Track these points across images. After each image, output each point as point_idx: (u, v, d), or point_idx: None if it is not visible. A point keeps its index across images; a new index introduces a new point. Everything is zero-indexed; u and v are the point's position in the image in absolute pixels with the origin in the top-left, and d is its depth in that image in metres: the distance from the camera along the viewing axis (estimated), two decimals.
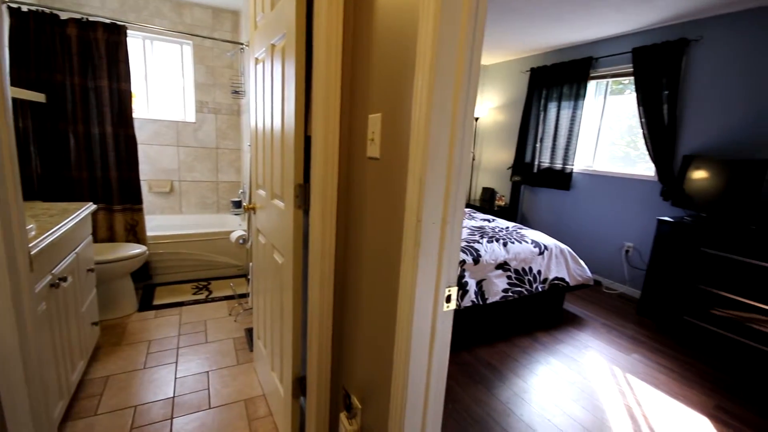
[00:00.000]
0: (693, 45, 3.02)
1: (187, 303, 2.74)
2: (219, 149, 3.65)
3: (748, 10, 2.71)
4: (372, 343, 1.06)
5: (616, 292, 3.57)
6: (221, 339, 2.31)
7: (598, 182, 3.80)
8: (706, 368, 2.37)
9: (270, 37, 1.42)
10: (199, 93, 3.52)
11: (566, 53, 4.01)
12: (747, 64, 2.73)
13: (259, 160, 1.68)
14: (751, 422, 1.90)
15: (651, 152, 3.25)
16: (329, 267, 1.22)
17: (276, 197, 1.44)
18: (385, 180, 0.96)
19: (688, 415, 1.93)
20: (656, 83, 3.18)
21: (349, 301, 1.20)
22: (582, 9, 2.94)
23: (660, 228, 2.90)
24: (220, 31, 3.51)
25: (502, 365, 2.26)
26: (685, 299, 2.74)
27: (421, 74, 0.77)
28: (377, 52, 0.98)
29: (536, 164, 4.34)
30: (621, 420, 1.86)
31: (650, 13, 2.96)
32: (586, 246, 3.89)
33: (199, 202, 3.66)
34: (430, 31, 0.74)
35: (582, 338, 2.66)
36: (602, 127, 3.85)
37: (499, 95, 4.91)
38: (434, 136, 0.78)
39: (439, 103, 0.77)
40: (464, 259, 2.46)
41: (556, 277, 2.83)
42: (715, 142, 2.93)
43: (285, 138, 1.28)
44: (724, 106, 2.87)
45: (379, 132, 0.97)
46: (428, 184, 0.80)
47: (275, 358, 1.58)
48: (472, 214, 3.60)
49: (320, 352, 1.27)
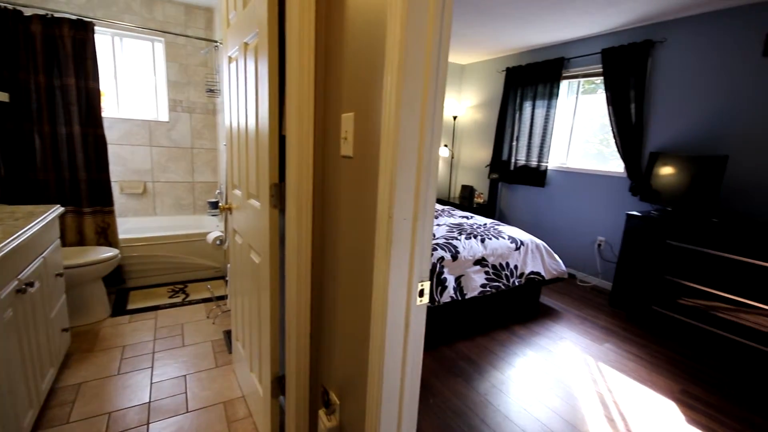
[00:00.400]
0: (657, 46, 3.15)
1: (163, 307, 2.68)
2: (194, 149, 3.58)
3: (708, 12, 2.85)
4: (349, 339, 1.07)
5: (590, 285, 3.70)
6: (199, 342, 2.27)
7: (571, 179, 3.92)
8: (673, 355, 2.49)
9: (243, 36, 1.41)
10: (172, 91, 3.44)
11: (540, 53, 4.11)
12: (707, 64, 2.87)
13: (234, 159, 1.66)
14: (714, 404, 2.01)
15: (620, 149, 3.37)
16: (306, 265, 1.22)
17: (252, 197, 1.43)
18: (359, 178, 0.97)
19: (655, 399, 2.03)
20: (624, 83, 3.31)
21: (326, 298, 1.21)
22: (553, 11, 3.02)
23: (629, 222, 3.02)
24: (194, 28, 3.44)
25: (481, 358, 2.31)
26: (653, 290, 2.87)
27: (389, 74, 0.79)
28: (349, 52, 0.99)
29: (513, 162, 4.44)
30: (593, 406, 1.93)
31: (617, 16, 3.07)
32: (560, 240, 4.01)
33: (174, 204, 3.58)
34: (397, 31, 0.76)
35: (557, 330, 2.75)
36: (575, 126, 3.98)
37: (477, 94, 4.99)
38: (404, 135, 0.80)
39: (408, 102, 0.79)
40: (443, 255, 2.51)
41: (532, 272, 2.91)
42: (679, 140, 3.07)
43: (259, 137, 1.28)
44: (686, 104, 3.01)
45: (352, 131, 0.98)
46: (399, 182, 0.81)
47: (254, 359, 1.58)
48: (451, 212, 3.66)
49: (298, 350, 1.27)
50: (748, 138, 2.68)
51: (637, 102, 3.25)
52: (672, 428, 1.82)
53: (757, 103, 2.63)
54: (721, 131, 2.82)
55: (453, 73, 5.12)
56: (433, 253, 2.49)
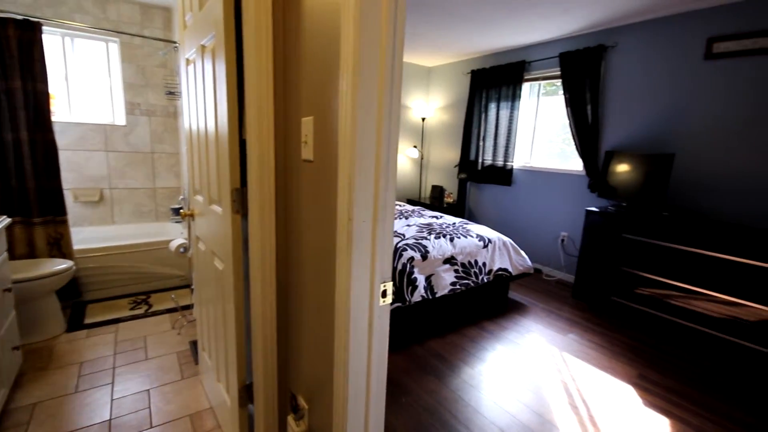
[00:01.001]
0: (610, 51, 3.33)
1: (124, 319, 2.56)
2: (155, 153, 3.44)
3: (653, 19, 3.04)
4: (316, 343, 1.07)
5: (555, 279, 3.85)
6: (163, 354, 2.19)
7: (535, 177, 4.07)
8: (631, 342, 2.63)
9: (200, 38, 1.37)
10: (129, 94, 3.29)
11: (503, 57, 4.25)
12: (654, 68, 3.06)
13: (195, 164, 1.62)
14: (669, 387, 2.14)
15: (578, 148, 3.54)
16: (270, 270, 1.21)
17: (214, 202, 1.40)
18: (319, 181, 0.97)
19: (615, 385, 2.14)
20: (581, 85, 3.47)
21: (292, 302, 1.20)
22: (513, 15, 3.13)
23: (588, 218, 3.17)
24: (151, 28, 3.31)
25: (452, 355, 2.35)
26: (612, 281, 3.02)
27: (345, 77, 0.80)
28: (307, 54, 0.99)
29: (480, 162, 4.55)
30: (558, 395, 2.01)
31: (572, 22, 3.22)
32: (526, 237, 4.15)
33: (134, 211, 3.42)
34: (351, 35, 0.77)
35: (525, 323, 2.84)
36: (537, 126, 4.13)
37: (444, 96, 5.09)
38: (361, 137, 0.81)
39: (364, 104, 0.80)
40: (413, 255, 2.54)
41: (500, 268, 2.99)
42: (631, 139, 3.25)
43: (219, 142, 1.25)
44: (637, 105, 3.20)
45: (312, 135, 0.98)
46: (357, 184, 0.82)
47: (221, 368, 1.54)
48: (421, 212, 3.71)
49: (265, 357, 1.26)
50: (692, 137, 2.88)
51: (593, 103, 3.41)
52: (630, 411, 1.92)
53: (699, 104, 2.83)
54: (668, 131, 3.02)
55: (420, 75, 5.20)
56: (403, 254, 2.52)
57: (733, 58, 2.63)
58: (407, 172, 5.37)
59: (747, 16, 2.55)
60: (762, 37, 2.48)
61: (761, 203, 2.58)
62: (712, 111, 2.77)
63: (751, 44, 2.53)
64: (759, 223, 2.58)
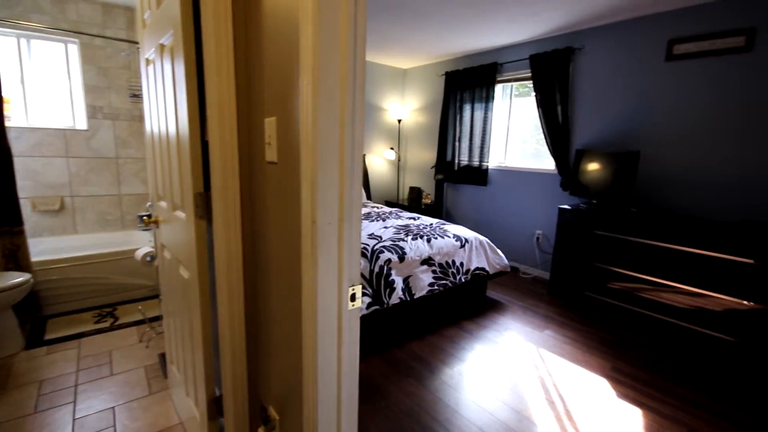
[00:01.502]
0: (577, 53, 3.42)
1: (88, 333, 2.43)
2: (120, 159, 3.30)
3: (617, 22, 3.14)
4: (285, 351, 1.03)
5: (531, 276, 3.91)
6: (130, 369, 2.09)
7: (510, 177, 4.13)
8: (605, 335, 2.70)
9: (158, 37, 1.32)
10: (90, 97, 3.15)
11: (476, 58, 4.30)
12: (619, 69, 3.17)
13: (158, 169, 1.55)
14: (640, 378, 2.20)
15: (550, 148, 3.61)
16: (237, 277, 1.16)
17: (177, 208, 1.34)
18: (284, 184, 0.94)
19: (589, 378, 2.18)
20: (550, 86, 3.55)
21: (261, 310, 1.16)
22: (485, 18, 3.17)
23: (561, 216, 3.24)
24: (113, 29, 3.18)
25: (432, 356, 2.34)
26: (585, 277, 3.09)
27: (305, 76, 0.77)
28: (268, 53, 0.96)
29: (456, 162, 4.59)
30: (535, 391, 2.03)
31: (541, 24, 3.29)
32: (503, 236, 4.21)
33: (98, 219, 3.27)
34: (310, 34, 0.75)
35: (503, 322, 2.87)
36: (511, 127, 4.20)
37: (419, 98, 5.11)
38: (323, 138, 0.78)
39: (325, 105, 0.77)
40: (390, 257, 2.52)
41: (477, 268, 3.02)
42: (600, 138, 3.35)
43: (181, 144, 1.20)
44: (604, 105, 3.30)
45: (275, 136, 0.95)
46: (321, 185, 0.80)
47: (189, 382, 1.47)
48: (399, 214, 3.70)
49: (234, 368, 1.21)
50: (656, 135, 2.99)
51: (563, 104, 3.50)
52: (604, 404, 1.96)
53: (662, 103, 2.94)
54: (633, 129, 3.12)
55: (395, 77, 5.21)
56: (380, 256, 2.50)
57: (693, 59, 2.74)
58: (384, 174, 5.36)
59: (705, 19, 2.67)
60: (719, 39, 2.60)
61: (720, 197, 2.70)
62: (673, 110, 2.89)
63: (708, 45, 2.65)
64: (719, 216, 2.70)
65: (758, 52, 2.46)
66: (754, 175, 2.56)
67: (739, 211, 2.62)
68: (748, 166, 2.58)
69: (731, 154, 2.64)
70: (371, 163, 5.15)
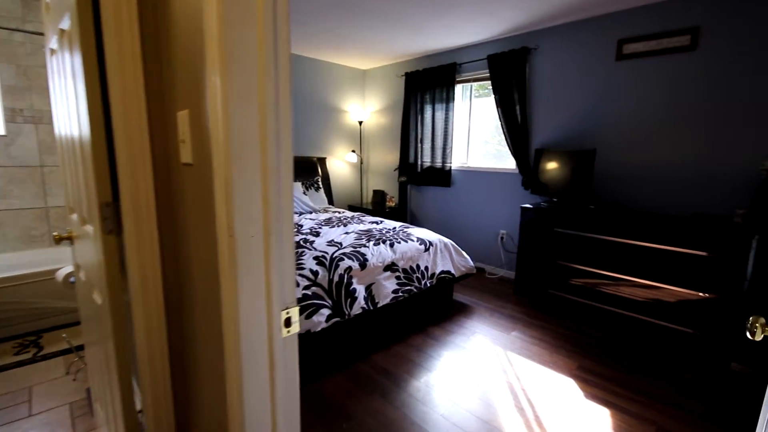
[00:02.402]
0: (533, 53, 3.44)
1: (6, 367, 2.11)
2: (45, 167, 2.94)
3: (570, 22, 3.19)
4: (211, 385, 0.87)
5: (497, 276, 3.90)
6: (53, 407, 1.81)
7: (473, 177, 4.11)
8: (570, 333, 2.69)
9: (58, 21, 1.12)
10: (8, 99, 2.79)
11: (435, 59, 4.26)
12: (573, 68, 3.21)
13: (67, 177, 1.33)
14: (606, 375, 2.18)
15: (511, 148, 3.62)
16: (156, 303, 0.99)
17: (87, 222, 1.14)
18: (200, 189, 0.78)
19: (557, 379, 2.14)
20: (508, 86, 3.56)
21: (187, 340, 0.98)
22: (440, 17, 3.12)
23: (524, 214, 3.23)
24: (35, 23, 2.84)
25: (398, 368, 2.22)
26: (549, 275, 3.09)
27: (211, 51, 0.63)
28: (178, 31, 0.80)
29: (419, 164, 4.52)
30: (504, 398, 1.96)
31: (497, 24, 3.29)
32: (468, 236, 4.17)
33: (21, 236, 2.90)
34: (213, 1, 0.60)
35: (470, 325, 2.80)
36: (472, 127, 4.19)
37: (380, 99, 5.02)
38: (238, 133, 0.64)
39: (239, 88, 0.63)
40: (350, 265, 2.38)
41: (443, 271, 2.94)
42: (558, 136, 3.38)
43: (83, 146, 1.01)
44: (560, 104, 3.33)
45: (189, 132, 0.79)
46: (237, 191, 0.65)
47: (110, 421, 1.26)
48: (361, 218, 3.57)
49: (157, 406, 1.02)
50: (610, 133, 3.05)
51: (521, 103, 3.51)
52: (573, 406, 1.91)
53: (614, 102, 3.00)
54: (589, 128, 3.17)
55: (355, 78, 5.09)
56: (340, 264, 2.35)
57: (641, 58, 2.81)
58: (347, 178, 5.22)
59: (652, 19, 2.74)
60: (666, 38, 2.67)
61: (673, 192, 2.78)
62: (625, 108, 2.95)
63: (656, 45, 2.72)
64: (672, 210, 2.77)
65: (702, 50, 2.55)
66: (702, 169, 2.65)
67: (691, 206, 2.70)
68: (697, 161, 2.66)
69: (681, 150, 2.72)
70: (332, 167, 4.99)
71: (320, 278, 2.22)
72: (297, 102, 4.50)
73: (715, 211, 2.58)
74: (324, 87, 4.76)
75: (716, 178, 2.59)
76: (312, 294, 2.15)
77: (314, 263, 2.30)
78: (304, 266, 2.25)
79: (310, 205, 4.05)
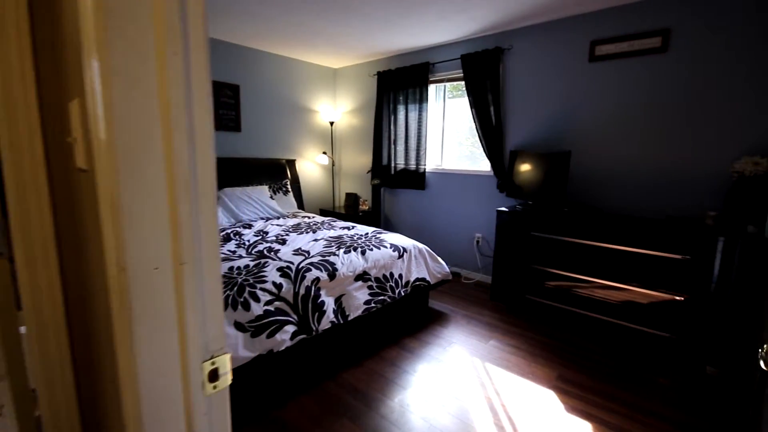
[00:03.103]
0: (506, 53, 3.38)
1: None
2: None
3: (543, 23, 3.14)
4: None
5: (473, 281, 3.81)
6: None
7: (448, 180, 4.01)
8: (548, 340, 2.61)
9: None
10: None
11: (408, 58, 4.14)
12: (546, 69, 3.16)
13: None
14: (585, 385, 2.11)
15: (485, 149, 3.54)
16: (58, 342, 0.79)
17: None
18: (94, 205, 0.60)
19: (537, 392, 2.04)
20: (482, 87, 3.48)
21: (101, 396, 0.79)
22: (412, 14, 2.99)
23: (499, 218, 3.15)
24: None
25: (369, 387, 2.06)
26: (525, 279, 3.02)
27: (86, 23, 0.45)
28: (67, 16, 0.62)
29: (393, 166, 4.39)
30: (483, 415, 1.84)
31: (470, 23, 3.20)
32: (443, 240, 4.07)
33: None
34: None
35: (446, 335, 2.67)
36: (446, 128, 4.09)
37: (352, 99, 4.85)
38: (127, 130, 0.47)
39: (126, 71, 0.46)
40: (318, 276, 2.20)
41: (418, 278, 2.80)
42: (532, 138, 3.33)
43: None
44: (534, 105, 3.28)
45: (80, 127, 0.61)
46: (129, 209, 0.48)
47: None
48: (332, 223, 3.39)
49: None
50: (584, 135, 3.01)
51: (495, 105, 3.44)
52: (554, 421, 1.82)
53: (588, 103, 2.97)
54: (563, 129, 3.13)
55: (325, 77, 4.90)
56: (306, 275, 2.17)
57: (614, 59, 2.79)
58: (318, 181, 5.02)
59: (623, 20, 2.72)
60: (637, 40, 2.66)
61: (646, 195, 2.77)
62: (598, 110, 2.92)
63: (627, 47, 2.70)
64: (645, 212, 2.76)
65: (673, 52, 2.54)
66: (675, 172, 2.64)
67: (664, 208, 2.69)
68: (670, 164, 2.65)
69: (653, 152, 2.71)
70: (303, 169, 4.78)
71: (284, 291, 2.04)
72: (264, 101, 4.27)
73: (688, 214, 2.57)
74: (293, 86, 4.54)
75: (689, 180, 2.58)
76: (275, 310, 1.96)
77: (278, 275, 2.11)
78: (267, 279, 2.06)
79: (277, 210, 3.83)
